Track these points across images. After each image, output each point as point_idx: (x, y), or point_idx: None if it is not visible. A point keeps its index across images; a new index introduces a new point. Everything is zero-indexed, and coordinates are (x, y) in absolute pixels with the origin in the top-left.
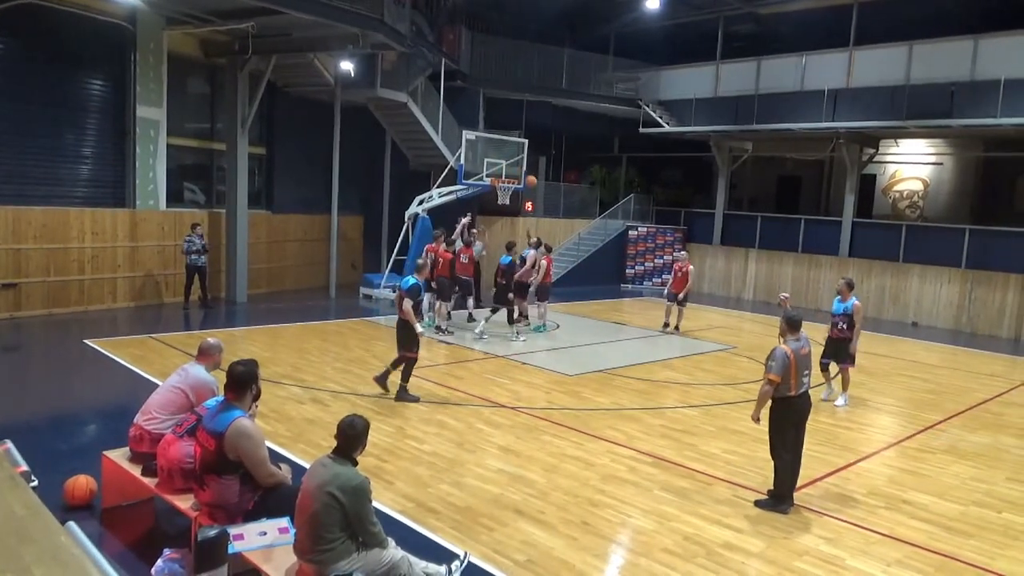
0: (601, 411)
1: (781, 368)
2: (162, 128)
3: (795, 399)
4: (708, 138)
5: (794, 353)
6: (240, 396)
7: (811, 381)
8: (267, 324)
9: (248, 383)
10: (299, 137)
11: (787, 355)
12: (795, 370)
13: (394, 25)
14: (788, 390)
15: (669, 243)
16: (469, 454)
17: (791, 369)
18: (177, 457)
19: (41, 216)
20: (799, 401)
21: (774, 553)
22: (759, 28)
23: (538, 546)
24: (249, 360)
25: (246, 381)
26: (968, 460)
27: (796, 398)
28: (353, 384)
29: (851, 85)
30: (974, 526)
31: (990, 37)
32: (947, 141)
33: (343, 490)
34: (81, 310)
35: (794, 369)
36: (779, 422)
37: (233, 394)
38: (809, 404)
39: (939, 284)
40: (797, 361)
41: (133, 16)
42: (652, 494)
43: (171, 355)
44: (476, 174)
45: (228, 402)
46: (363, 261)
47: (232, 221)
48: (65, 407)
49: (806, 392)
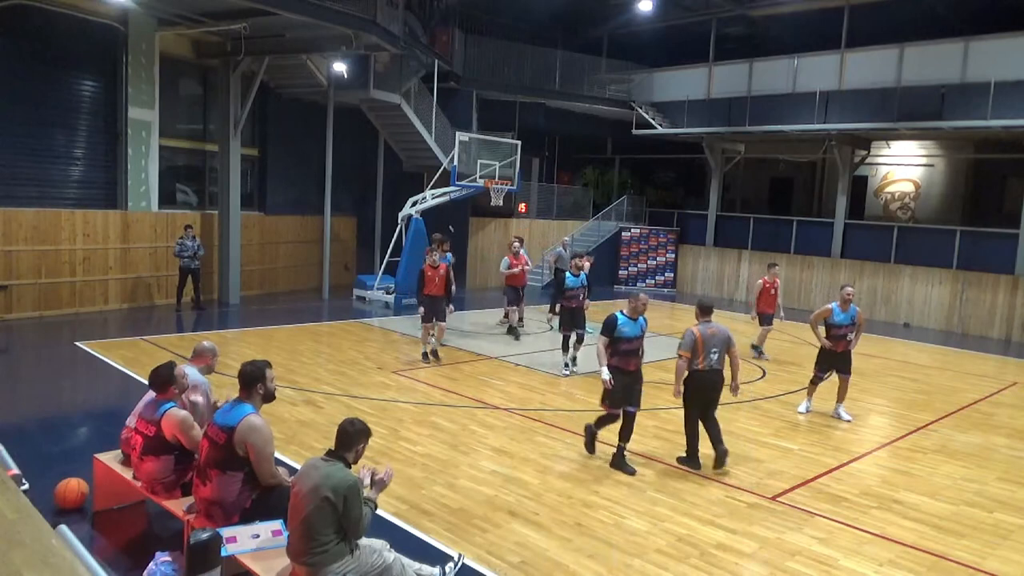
0: (595, 412)
1: (689, 346)
2: (154, 129)
3: (703, 373)
4: (701, 140)
5: (701, 334)
6: (248, 394)
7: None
8: (260, 326)
9: (254, 382)
10: (292, 138)
11: (695, 335)
12: (702, 348)
13: (387, 26)
14: (697, 365)
15: (662, 244)
16: (463, 456)
17: (699, 347)
18: (150, 477)
19: (32, 217)
20: (706, 375)
21: (767, 553)
22: (751, 30)
23: (532, 547)
24: (261, 361)
25: (252, 380)
26: (959, 460)
27: (703, 372)
28: (346, 386)
29: (843, 87)
30: (965, 526)
31: (980, 39)
32: (938, 143)
33: (336, 492)
34: (72, 312)
35: (701, 347)
36: (689, 393)
37: (243, 392)
38: (717, 379)
39: (930, 285)
40: (704, 340)
41: (125, 17)
42: (645, 495)
43: (163, 357)
44: (469, 175)
45: (238, 399)
46: (356, 263)
47: (224, 223)
48: (56, 410)
49: (712, 368)
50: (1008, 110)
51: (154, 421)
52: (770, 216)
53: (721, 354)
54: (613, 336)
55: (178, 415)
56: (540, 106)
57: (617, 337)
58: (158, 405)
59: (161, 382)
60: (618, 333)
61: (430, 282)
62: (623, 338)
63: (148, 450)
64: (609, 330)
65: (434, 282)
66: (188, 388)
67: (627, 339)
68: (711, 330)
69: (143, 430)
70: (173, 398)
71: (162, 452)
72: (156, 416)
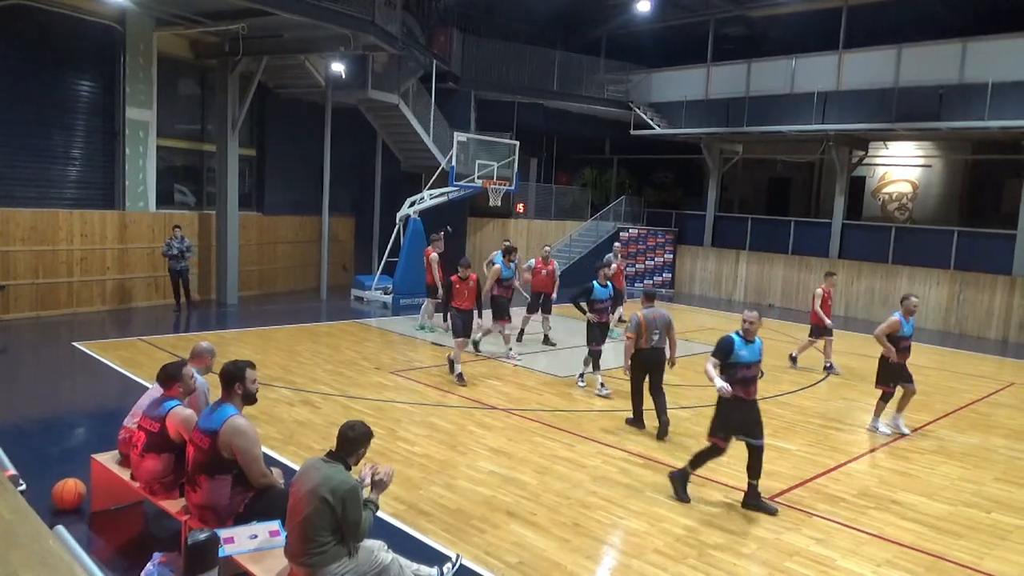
0: (593, 412)
1: (634, 327)
2: (152, 129)
3: (646, 351)
4: (699, 140)
5: (645, 317)
6: (228, 394)
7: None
8: (258, 326)
9: (233, 381)
10: (290, 138)
11: (639, 318)
12: (645, 329)
13: (385, 27)
14: (641, 344)
15: (660, 245)
16: (461, 456)
17: (642, 328)
18: (149, 476)
19: (29, 217)
20: (649, 352)
21: (765, 554)
22: (749, 31)
23: (530, 548)
24: (243, 361)
25: (231, 380)
26: (957, 460)
27: (646, 350)
28: (344, 386)
29: (841, 87)
30: (963, 526)
31: (978, 40)
32: (936, 143)
33: (335, 493)
34: (70, 312)
35: (644, 328)
36: (634, 368)
37: (223, 393)
38: (658, 356)
39: (928, 286)
40: (647, 322)
41: (122, 17)
42: (644, 495)
43: (161, 358)
44: (468, 176)
45: (219, 401)
46: (354, 263)
47: (222, 223)
48: (53, 410)
49: (654, 347)
50: (1006, 111)
51: (158, 418)
52: (768, 216)
53: (662, 335)
54: (727, 361)
55: (182, 413)
56: (538, 106)
57: (733, 363)
58: (162, 402)
59: (166, 378)
60: (735, 358)
61: (459, 295)
62: (740, 363)
63: (150, 447)
64: (724, 354)
65: (463, 295)
66: (194, 391)
67: (745, 364)
68: (653, 314)
69: (146, 426)
70: (178, 396)
71: (164, 450)
72: (160, 412)
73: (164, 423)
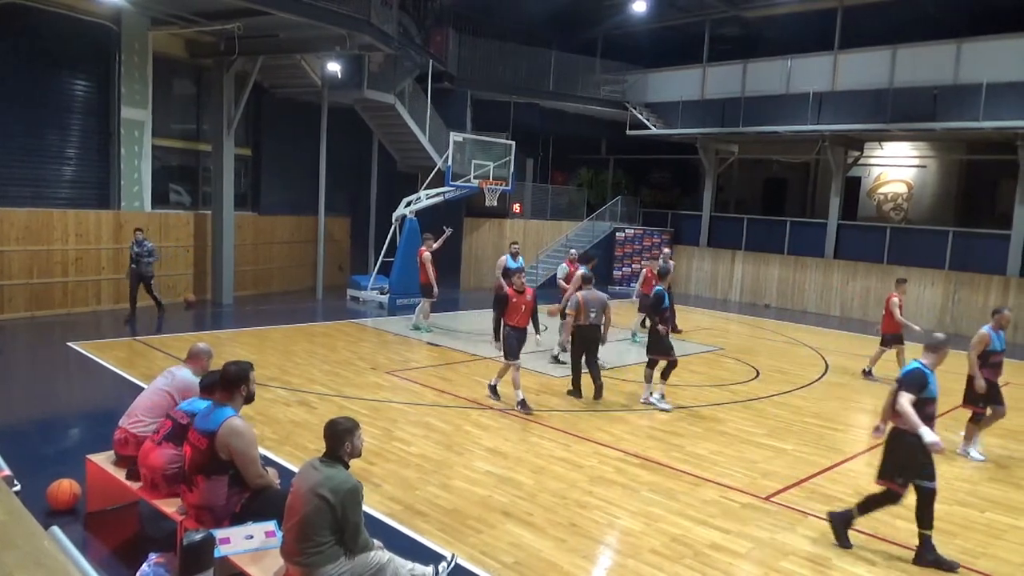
0: (588, 412)
1: (574, 306)
2: (147, 129)
3: (584, 327)
4: (695, 140)
5: (583, 297)
6: (230, 396)
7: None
8: (254, 326)
9: (237, 383)
10: (286, 138)
11: (578, 298)
12: (584, 308)
13: (381, 26)
14: (580, 321)
15: (656, 245)
16: (457, 456)
17: (581, 307)
18: (159, 464)
19: (24, 217)
20: (587, 329)
21: (761, 554)
22: (745, 31)
23: (526, 548)
24: (245, 362)
25: (235, 381)
26: (951, 460)
27: (585, 327)
28: (340, 386)
29: (836, 88)
30: (958, 525)
31: (973, 41)
32: (930, 144)
33: (335, 493)
34: (64, 312)
35: (583, 307)
36: (575, 343)
37: (224, 394)
38: (594, 334)
39: (923, 286)
40: (585, 302)
41: (118, 16)
42: (639, 495)
43: (156, 358)
44: (464, 176)
45: (219, 402)
46: (350, 263)
47: (218, 223)
48: (48, 410)
49: (591, 324)
50: (1000, 111)
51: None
52: (764, 217)
53: (599, 313)
54: (921, 396)
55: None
56: (535, 106)
57: (925, 398)
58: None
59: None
60: (928, 393)
61: (514, 310)
62: (930, 398)
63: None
64: (919, 388)
65: (519, 310)
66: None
67: (932, 399)
68: (591, 296)
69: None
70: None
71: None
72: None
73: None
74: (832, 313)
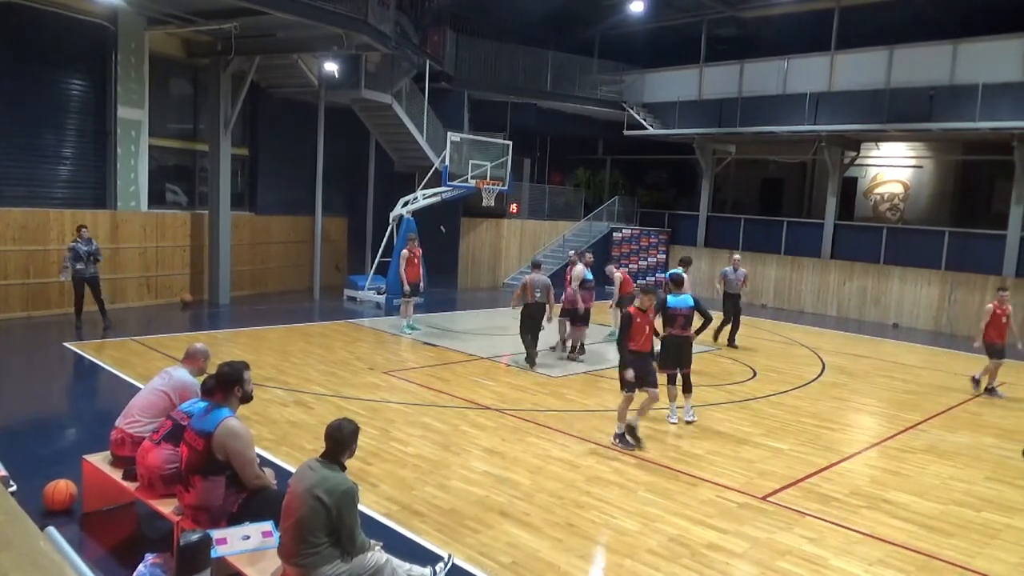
0: (586, 412)
1: (520, 286)
2: (144, 129)
3: (531, 304)
4: (692, 140)
5: (530, 279)
6: (226, 397)
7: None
8: (250, 326)
9: (232, 384)
10: (283, 138)
11: (525, 280)
12: (529, 288)
13: (378, 26)
14: (526, 300)
15: (653, 245)
16: (454, 456)
17: (528, 287)
18: (157, 463)
19: (20, 217)
20: (532, 306)
21: (758, 553)
22: (742, 32)
23: (523, 548)
24: (239, 362)
25: (230, 382)
26: (948, 460)
27: (531, 304)
28: (337, 386)
29: (833, 88)
30: (954, 525)
31: (969, 42)
32: (927, 144)
33: (331, 494)
34: (61, 312)
35: (529, 287)
36: (522, 319)
37: (220, 395)
38: (539, 310)
39: (919, 286)
40: (532, 283)
41: (114, 16)
42: (637, 495)
43: (152, 358)
44: (461, 176)
45: (215, 403)
46: (347, 263)
47: (215, 223)
48: (44, 411)
49: (536, 302)
50: (996, 112)
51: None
52: (760, 217)
53: (543, 294)
54: None
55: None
56: (532, 107)
57: None
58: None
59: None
60: None
61: (638, 332)
62: None
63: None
64: None
65: (643, 332)
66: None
67: None
68: (535, 278)
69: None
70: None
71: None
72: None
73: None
74: (829, 313)
